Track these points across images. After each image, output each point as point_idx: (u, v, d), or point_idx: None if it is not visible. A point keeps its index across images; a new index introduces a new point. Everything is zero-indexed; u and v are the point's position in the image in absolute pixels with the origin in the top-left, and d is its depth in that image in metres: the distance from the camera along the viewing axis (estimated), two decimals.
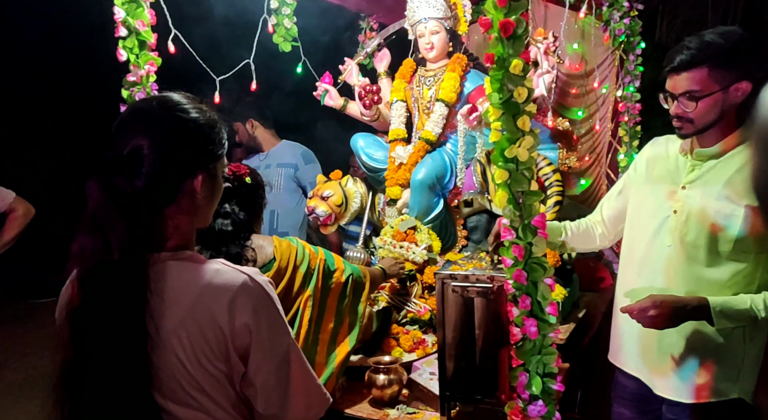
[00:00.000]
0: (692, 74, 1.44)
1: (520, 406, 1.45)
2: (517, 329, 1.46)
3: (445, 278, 1.59)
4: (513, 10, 1.42)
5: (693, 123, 1.49)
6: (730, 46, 1.41)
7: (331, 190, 2.71)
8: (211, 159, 0.97)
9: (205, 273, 0.90)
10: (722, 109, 1.46)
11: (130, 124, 0.93)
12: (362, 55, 3.10)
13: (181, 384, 0.87)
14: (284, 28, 2.77)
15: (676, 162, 1.62)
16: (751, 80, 1.42)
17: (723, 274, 1.50)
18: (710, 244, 1.49)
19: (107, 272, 0.85)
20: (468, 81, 2.55)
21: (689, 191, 1.55)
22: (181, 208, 0.93)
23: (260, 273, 0.95)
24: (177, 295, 0.88)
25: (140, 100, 0.98)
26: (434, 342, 2.04)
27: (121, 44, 1.92)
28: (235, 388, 0.92)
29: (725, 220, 1.47)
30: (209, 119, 0.97)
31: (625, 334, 1.72)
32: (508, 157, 1.44)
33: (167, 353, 0.86)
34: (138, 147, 0.88)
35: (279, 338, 0.94)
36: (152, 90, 1.99)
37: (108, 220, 0.85)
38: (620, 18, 3.03)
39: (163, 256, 0.91)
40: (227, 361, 0.89)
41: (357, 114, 2.81)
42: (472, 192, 2.52)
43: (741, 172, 1.46)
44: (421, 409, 1.71)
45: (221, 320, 0.87)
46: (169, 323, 0.86)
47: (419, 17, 2.56)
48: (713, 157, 1.53)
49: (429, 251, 2.34)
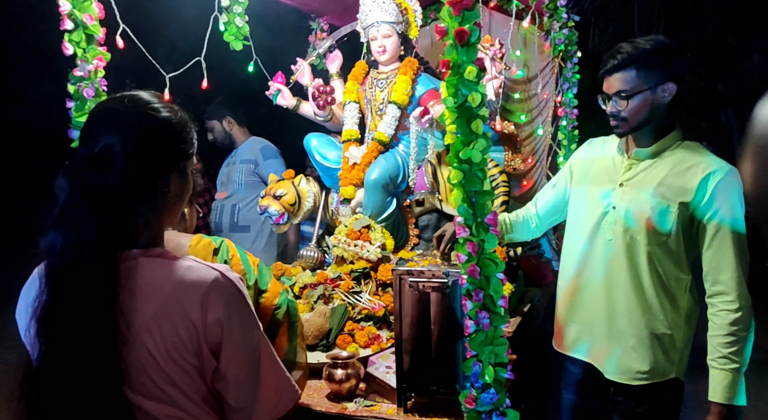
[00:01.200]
0: (623, 75, 1.59)
1: (474, 394, 1.53)
2: (471, 322, 1.53)
3: (402, 274, 1.65)
4: (467, 19, 1.50)
5: (627, 121, 1.63)
6: (655, 51, 1.58)
7: (284, 189, 2.72)
8: (182, 157, 0.98)
9: (177, 269, 0.91)
10: (652, 107, 1.60)
11: (101, 122, 0.92)
12: (314, 56, 3.12)
13: (152, 379, 0.88)
14: (235, 27, 2.75)
15: (613, 161, 1.75)
16: (675, 81, 1.59)
17: (661, 267, 1.63)
18: (648, 238, 1.62)
19: (78, 269, 0.84)
20: (419, 84, 2.62)
21: (626, 188, 1.67)
22: (151, 205, 0.94)
23: (231, 269, 0.97)
24: (149, 291, 0.88)
25: (110, 98, 0.97)
26: (389, 337, 2.09)
27: (66, 38, 1.86)
28: (206, 382, 0.93)
29: (660, 216, 1.60)
30: (180, 118, 0.98)
31: (576, 325, 1.83)
32: (462, 159, 1.52)
33: (139, 348, 0.87)
34: (109, 145, 0.89)
35: (250, 333, 0.96)
36: (101, 86, 1.94)
37: (79, 216, 0.85)
38: (560, 28, 3.19)
39: (134, 252, 0.91)
40: (199, 355, 0.90)
41: (310, 114, 2.83)
42: (424, 192, 2.60)
43: (674, 172, 1.60)
44: (378, 401, 1.76)
45: (194, 315, 0.89)
46: (141, 319, 0.87)
47: (371, 21, 2.61)
48: (649, 157, 1.66)
49: (382, 249, 2.40)
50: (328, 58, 3.06)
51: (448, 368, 1.63)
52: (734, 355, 1.53)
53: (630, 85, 1.58)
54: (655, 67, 1.58)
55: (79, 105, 1.88)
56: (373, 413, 1.69)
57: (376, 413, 1.69)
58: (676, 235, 1.59)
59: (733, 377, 1.54)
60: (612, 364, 1.72)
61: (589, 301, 1.78)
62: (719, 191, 1.53)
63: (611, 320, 1.71)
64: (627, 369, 1.69)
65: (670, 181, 1.60)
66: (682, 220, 1.58)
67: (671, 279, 1.63)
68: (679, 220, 1.58)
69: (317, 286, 2.31)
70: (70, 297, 0.84)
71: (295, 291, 2.37)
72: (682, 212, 1.58)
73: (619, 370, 1.71)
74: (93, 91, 1.89)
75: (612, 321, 1.71)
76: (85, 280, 0.84)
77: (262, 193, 2.76)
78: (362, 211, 2.58)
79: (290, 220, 2.78)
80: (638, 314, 1.66)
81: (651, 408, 1.70)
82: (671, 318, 1.64)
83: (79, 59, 1.86)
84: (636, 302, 1.66)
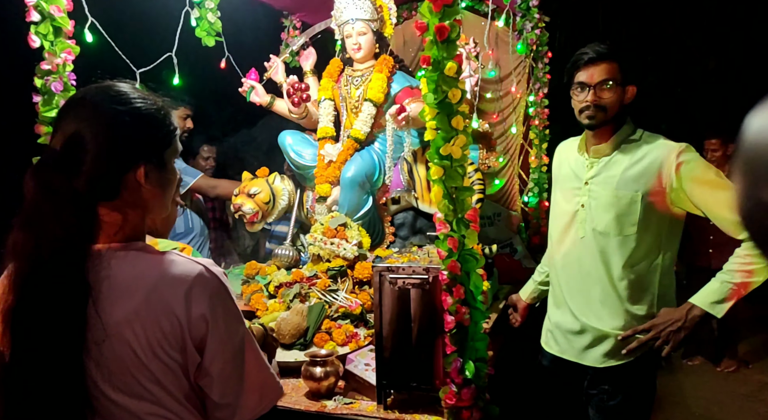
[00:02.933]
0: (609, 65, 1.67)
1: (454, 390, 1.54)
2: (451, 317, 1.54)
3: (382, 271, 1.65)
4: (447, 15, 1.51)
5: (606, 111, 1.68)
6: (632, 54, 1.67)
7: (258, 188, 2.69)
8: (155, 149, 0.94)
9: (160, 263, 0.89)
10: (620, 104, 1.69)
11: (65, 116, 0.89)
12: (287, 53, 3.09)
13: (134, 375, 0.86)
14: (207, 22, 2.70)
15: (576, 162, 1.82)
16: (637, 86, 1.70)
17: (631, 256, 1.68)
18: (617, 230, 1.68)
19: (42, 270, 0.82)
20: (394, 82, 2.62)
21: (591, 186, 1.74)
22: (126, 201, 0.91)
23: (215, 264, 0.95)
24: (129, 285, 0.86)
25: (80, 91, 0.93)
26: (366, 335, 2.09)
27: (33, 30, 1.79)
28: (188, 378, 0.91)
29: (627, 206, 1.66)
30: (150, 107, 0.93)
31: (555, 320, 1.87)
32: (443, 155, 1.52)
33: (120, 345, 0.84)
34: (72, 141, 0.85)
35: (234, 328, 0.94)
36: (69, 80, 1.88)
37: (41, 218, 0.82)
38: (532, 28, 3.24)
39: (111, 247, 0.89)
40: (183, 351, 0.88)
41: (284, 111, 2.80)
42: (400, 190, 2.60)
43: (633, 162, 1.67)
44: (358, 399, 1.76)
45: (178, 310, 0.87)
46: (121, 314, 0.85)
47: (346, 18, 2.60)
48: (607, 153, 1.72)
49: (359, 247, 2.39)
50: (302, 56, 3.04)
51: (428, 364, 1.64)
52: (741, 278, 1.53)
53: (612, 75, 1.67)
54: (630, 67, 1.68)
55: (46, 99, 1.82)
56: (353, 411, 1.68)
57: (356, 411, 1.68)
58: (645, 221, 1.65)
59: (728, 294, 1.55)
60: (590, 353, 1.76)
61: (567, 296, 1.82)
62: (681, 173, 1.60)
63: (588, 313, 1.75)
64: (603, 354, 1.73)
65: (630, 172, 1.67)
66: (649, 207, 1.65)
67: (643, 266, 1.69)
68: (647, 208, 1.65)
69: (293, 285, 2.29)
70: (37, 298, 0.82)
71: (270, 290, 2.34)
72: (647, 201, 1.65)
73: (596, 357, 1.75)
74: (61, 86, 1.83)
75: (588, 313, 1.75)
76: (49, 282, 0.82)
77: (236, 191, 2.72)
78: (338, 209, 2.57)
79: (264, 219, 2.75)
80: (613, 304, 1.71)
81: (624, 399, 1.74)
82: (646, 304, 1.69)
83: (47, 52, 1.79)
84: (611, 293, 1.71)
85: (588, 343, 1.76)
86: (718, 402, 3.61)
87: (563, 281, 1.83)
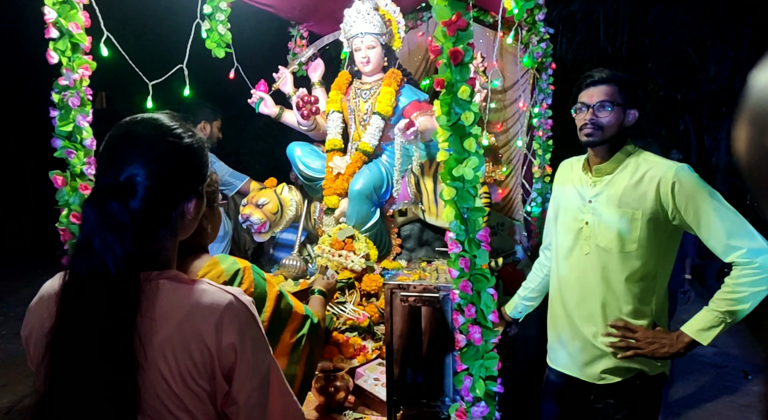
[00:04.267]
0: (608, 88, 1.75)
1: (464, 407, 1.56)
2: (462, 336, 1.57)
3: (393, 288, 1.67)
4: (460, 39, 1.54)
5: (603, 130, 1.76)
6: (633, 80, 1.77)
7: (266, 198, 2.71)
8: (201, 181, 1.00)
9: (193, 292, 0.91)
10: (619, 125, 1.75)
11: (124, 149, 0.92)
12: (295, 64, 3.12)
13: (164, 403, 0.88)
14: (218, 34, 2.73)
15: (580, 180, 1.87)
16: (639, 110, 1.76)
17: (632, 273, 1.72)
18: (619, 247, 1.71)
19: (102, 293, 0.84)
20: (402, 95, 2.65)
21: (595, 204, 1.79)
22: (171, 229, 0.96)
23: (243, 293, 0.97)
24: (165, 314, 0.88)
25: (131, 122, 0.95)
26: (374, 348, 2.11)
27: (51, 46, 1.82)
28: (215, 406, 0.93)
29: (628, 224, 1.71)
30: (198, 142, 0.99)
31: (557, 335, 1.90)
32: (455, 176, 1.55)
33: (153, 373, 0.87)
34: (134, 174, 0.89)
35: (262, 357, 0.97)
36: (86, 95, 1.91)
37: (105, 245, 0.84)
38: (538, 42, 3.27)
39: (153, 274, 0.91)
40: (212, 379, 0.91)
41: (293, 123, 2.83)
42: (407, 202, 2.63)
43: (632, 183, 1.72)
44: (367, 414, 1.78)
45: (208, 339, 0.89)
46: (157, 342, 0.87)
47: (356, 32, 2.63)
48: (608, 172, 1.77)
49: (366, 260, 2.41)
50: (310, 67, 3.06)
51: (437, 381, 1.66)
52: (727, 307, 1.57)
53: (611, 97, 1.75)
54: (628, 91, 1.76)
55: (63, 114, 1.84)
56: None
57: None
58: (646, 240, 1.69)
59: (714, 321, 1.59)
60: (590, 369, 1.79)
61: (570, 312, 1.85)
62: (675, 192, 1.64)
63: (589, 328, 1.78)
64: (602, 370, 1.76)
65: (629, 191, 1.72)
66: (648, 225, 1.68)
67: (643, 283, 1.73)
68: (646, 227, 1.69)
69: None
70: (91, 322, 0.84)
71: None
72: (646, 219, 1.69)
73: (596, 373, 1.78)
74: (78, 100, 1.86)
75: (589, 328, 1.78)
76: (108, 306, 0.84)
77: (244, 201, 2.74)
78: (346, 221, 2.59)
79: (272, 229, 2.77)
80: (615, 318, 1.74)
81: (629, 414, 1.77)
82: (645, 321, 1.73)
83: (65, 68, 1.82)
84: (611, 309, 1.75)
85: (588, 360, 1.79)
86: (718, 413, 3.64)
87: (566, 297, 1.87)
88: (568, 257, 1.88)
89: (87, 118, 1.91)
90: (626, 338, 1.71)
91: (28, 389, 3.75)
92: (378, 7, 2.66)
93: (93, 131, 1.97)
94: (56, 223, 1.95)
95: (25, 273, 6.65)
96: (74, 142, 1.90)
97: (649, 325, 1.73)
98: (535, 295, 2.14)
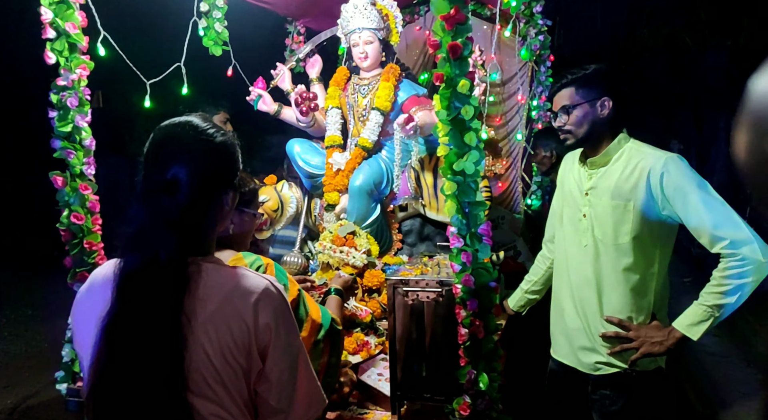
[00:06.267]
0: (564, 92, 1.79)
1: (468, 401, 1.57)
2: (465, 330, 1.57)
3: (396, 284, 1.67)
4: (459, 34, 1.54)
5: (572, 133, 1.79)
6: (591, 72, 1.77)
7: (267, 195, 2.71)
8: (236, 175, 1.08)
9: (234, 275, 1.00)
10: (593, 120, 1.76)
11: (168, 150, 1.01)
12: (293, 61, 3.11)
13: (204, 376, 0.94)
14: (215, 32, 2.72)
15: (578, 173, 1.87)
16: (611, 97, 1.76)
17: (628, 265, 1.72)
18: (613, 238, 1.72)
19: (154, 280, 0.93)
20: (401, 90, 2.64)
21: (591, 197, 1.80)
22: (212, 220, 1.05)
23: (276, 281, 1.05)
24: (208, 293, 0.96)
25: (171, 125, 1.04)
26: (377, 343, 2.12)
27: (49, 46, 1.81)
28: (249, 384, 1.00)
29: (621, 215, 1.71)
30: (230, 140, 1.08)
31: (559, 327, 1.91)
32: (456, 170, 1.55)
33: (197, 347, 0.93)
34: (179, 172, 0.98)
35: (293, 339, 1.04)
36: (85, 95, 1.90)
37: (158, 237, 0.94)
38: (536, 34, 3.26)
39: (198, 259, 0.99)
40: (249, 356, 0.97)
41: (292, 119, 2.82)
42: (407, 197, 2.63)
43: (624, 175, 1.72)
44: (372, 409, 1.79)
45: (247, 318, 0.96)
46: (202, 319, 0.94)
47: (353, 27, 2.62)
48: (602, 164, 1.78)
49: (368, 255, 2.42)
50: (308, 63, 3.06)
51: (441, 375, 1.67)
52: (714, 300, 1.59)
53: (570, 100, 1.77)
54: (591, 85, 1.76)
55: (62, 115, 1.84)
56: None
57: None
58: (638, 230, 1.70)
59: (702, 316, 1.60)
60: (586, 359, 1.80)
61: (570, 303, 1.86)
62: (664, 182, 1.64)
63: (586, 319, 1.79)
64: (597, 361, 1.77)
65: (621, 183, 1.72)
66: (641, 216, 1.69)
67: (638, 275, 1.73)
68: (639, 218, 1.69)
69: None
70: (147, 306, 0.92)
71: None
72: (639, 210, 1.69)
73: (591, 364, 1.78)
74: (77, 101, 1.86)
75: (586, 319, 1.79)
76: (162, 289, 0.93)
77: None
78: (347, 217, 2.59)
79: (273, 226, 2.77)
80: (610, 311, 1.74)
81: (626, 405, 1.78)
82: (642, 314, 1.73)
83: (63, 68, 1.82)
84: (608, 300, 1.75)
85: (584, 351, 1.80)
86: (719, 401, 3.66)
87: (566, 288, 1.87)
88: (569, 249, 1.89)
89: (86, 119, 1.91)
90: (618, 334, 1.71)
91: (30, 390, 3.77)
92: (375, 2, 2.65)
93: (91, 131, 1.97)
94: (57, 224, 1.95)
95: (25, 275, 6.65)
96: (73, 142, 1.90)
97: (647, 318, 1.73)
98: (539, 288, 2.14)
